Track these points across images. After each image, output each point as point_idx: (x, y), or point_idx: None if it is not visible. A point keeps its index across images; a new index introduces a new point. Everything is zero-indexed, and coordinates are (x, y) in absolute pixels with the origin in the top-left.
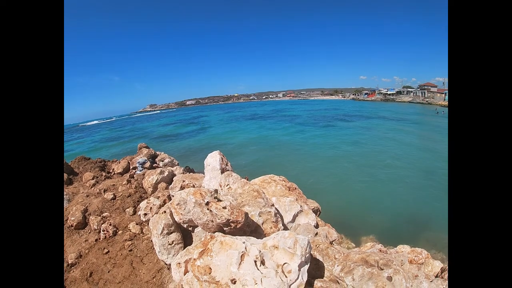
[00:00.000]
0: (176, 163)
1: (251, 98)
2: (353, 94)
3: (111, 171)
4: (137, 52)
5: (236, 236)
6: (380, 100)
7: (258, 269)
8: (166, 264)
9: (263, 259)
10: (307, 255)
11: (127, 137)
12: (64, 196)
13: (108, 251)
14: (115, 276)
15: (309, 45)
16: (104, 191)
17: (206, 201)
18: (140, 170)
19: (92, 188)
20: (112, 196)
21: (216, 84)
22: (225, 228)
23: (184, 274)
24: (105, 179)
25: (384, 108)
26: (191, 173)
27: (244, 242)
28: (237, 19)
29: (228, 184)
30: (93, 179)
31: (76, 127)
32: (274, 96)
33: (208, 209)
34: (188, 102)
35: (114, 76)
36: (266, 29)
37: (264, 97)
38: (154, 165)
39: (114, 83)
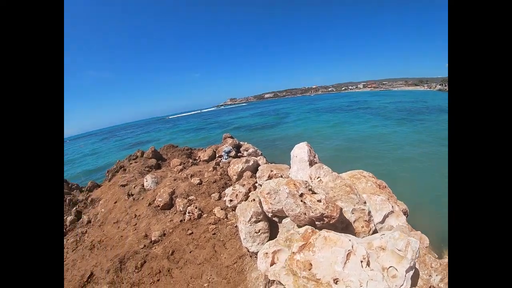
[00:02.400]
0: (259, 153)
1: (329, 90)
2: (439, 85)
3: (197, 158)
4: (218, 47)
5: (341, 233)
6: None
7: (364, 271)
8: (249, 251)
9: (369, 260)
10: (416, 260)
11: (210, 128)
12: (153, 179)
13: (192, 233)
14: (196, 257)
15: (391, 31)
16: (191, 176)
17: (300, 192)
18: (226, 159)
19: (180, 173)
20: (199, 181)
21: (294, 76)
22: (317, 222)
23: (271, 265)
24: (191, 165)
25: None
26: (276, 164)
27: (350, 240)
28: (314, 10)
29: (319, 177)
30: (180, 164)
31: (164, 119)
32: (354, 87)
33: (301, 201)
34: (266, 95)
35: (195, 73)
36: (345, 16)
37: (343, 88)
38: (238, 154)
39: (195, 79)
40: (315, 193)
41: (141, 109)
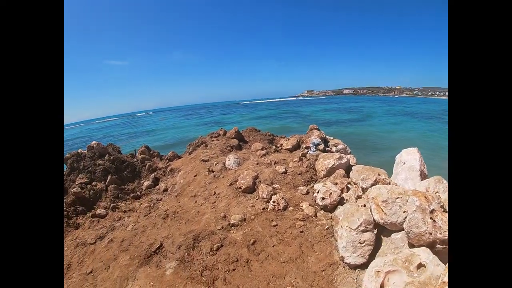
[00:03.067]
0: (348, 151)
1: (414, 93)
2: None
3: (278, 145)
4: (299, 38)
5: None
6: None
7: None
8: (343, 261)
9: None
10: None
11: (286, 117)
12: (235, 159)
13: (277, 225)
14: (280, 254)
15: None
16: (275, 163)
17: (431, 208)
18: (313, 151)
19: (262, 158)
20: (283, 170)
21: (376, 73)
22: (439, 246)
23: (380, 287)
24: (274, 152)
25: None
26: (372, 167)
27: None
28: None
29: (437, 192)
30: (262, 149)
31: (237, 103)
32: (442, 93)
33: (431, 218)
34: (345, 91)
35: (276, 62)
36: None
37: (430, 93)
38: (326, 149)
39: (274, 68)
40: (446, 211)
41: (220, 91)
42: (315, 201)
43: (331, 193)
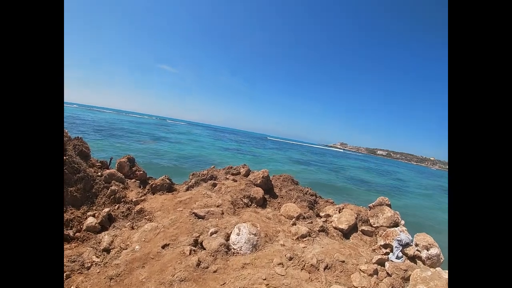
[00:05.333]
0: (441, 258)
1: (447, 167)
2: None
3: (323, 215)
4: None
5: None
6: None
7: None
8: None
9: None
10: None
11: (322, 166)
12: (251, 235)
13: None
14: None
15: None
16: (325, 267)
17: None
18: (399, 258)
19: (299, 241)
20: None
21: (409, 140)
22: None
23: None
24: (319, 230)
25: None
26: None
27: None
28: None
29: None
30: (299, 217)
31: (265, 137)
32: None
33: None
34: (378, 152)
35: (316, 107)
36: None
37: None
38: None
39: (313, 113)
40: None
41: (250, 119)
42: None
43: None
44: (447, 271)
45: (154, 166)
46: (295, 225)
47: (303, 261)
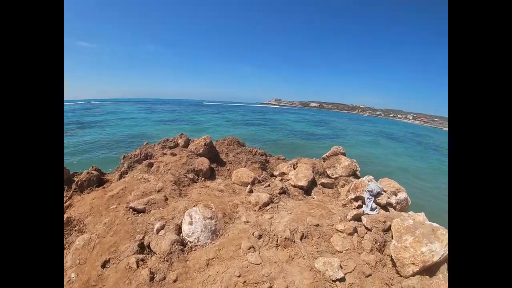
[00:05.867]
0: (409, 201)
1: (377, 113)
2: None
3: (277, 174)
4: (274, 46)
5: None
6: None
7: None
8: None
9: None
10: None
11: (260, 125)
12: (207, 219)
13: None
14: None
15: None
16: (302, 236)
17: None
18: (373, 209)
19: (257, 208)
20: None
21: (341, 90)
22: None
23: None
24: (281, 192)
25: None
26: None
27: None
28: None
29: None
30: (253, 183)
31: (201, 103)
32: (403, 116)
33: None
34: (311, 104)
35: (247, 67)
36: (411, 35)
37: (391, 115)
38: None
39: (246, 75)
40: None
41: (180, 88)
42: None
43: None
44: (421, 214)
45: (84, 160)
46: (252, 192)
47: (274, 235)
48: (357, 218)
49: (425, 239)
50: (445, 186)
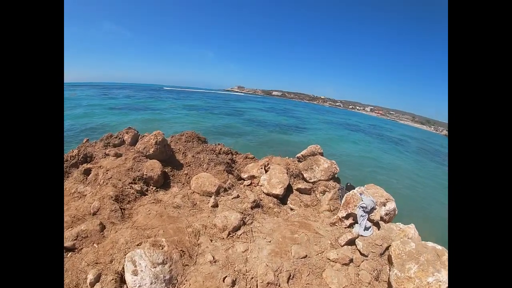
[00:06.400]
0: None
1: (337, 104)
2: (446, 130)
3: (246, 178)
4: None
5: None
6: None
7: None
8: None
9: None
10: None
11: (220, 112)
12: (157, 266)
13: None
14: None
15: (408, 62)
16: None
17: None
18: (367, 229)
19: (231, 239)
20: None
21: (303, 79)
22: None
23: None
24: (254, 206)
25: None
26: None
27: None
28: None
29: None
30: (218, 191)
31: (162, 88)
32: (361, 108)
33: None
34: (274, 93)
35: (209, 52)
36: (367, 33)
37: (350, 106)
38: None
39: (208, 59)
40: None
41: (139, 72)
42: None
43: None
44: (412, 226)
45: None
46: (217, 206)
47: (253, 278)
48: (352, 241)
49: (431, 267)
50: (419, 179)
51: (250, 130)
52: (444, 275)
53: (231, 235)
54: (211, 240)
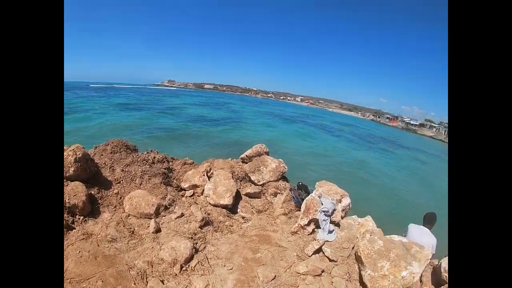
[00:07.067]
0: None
1: (268, 95)
2: (372, 115)
3: (187, 187)
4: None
5: None
6: (401, 128)
7: None
8: None
9: None
10: None
11: (154, 109)
12: None
13: None
14: None
15: (333, 52)
16: None
17: None
18: (331, 232)
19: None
20: None
21: (234, 73)
22: None
23: None
24: (204, 227)
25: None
26: None
27: None
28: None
29: None
30: (159, 214)
31: (87, 86)
32: (292, 98)
33: None
34: (206, 86)
35: (140, 44)
36: (291, 24)
37: (282, 97)
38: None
39: (139, 52)
40: None
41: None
42: None
43: None
44: (369, 219)
45: None
46: (160, 231)
47: None
48: (319, 249)
49: (403, 262)
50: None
51: (182, 126)
52: (416, 267)
53: (184, 268)
54: (163, 282)
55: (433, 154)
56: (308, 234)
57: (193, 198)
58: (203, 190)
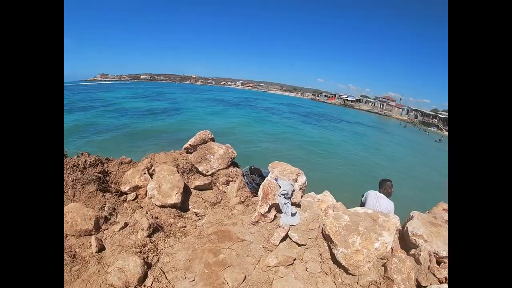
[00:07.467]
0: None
1: (208, 81)
2: (312, 94)
3: (126, 190)
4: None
5: None
6: (339, 104)
7: None
8: None
9: None
10: None
11: (86, 107)
12: None
13: None
14: None
15: (270, 36)
16: None
17: None
18: (293, 214)
19: None
20: None
21: (172, 61)
22: None
23: None
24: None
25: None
26: None
27: None
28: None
29: None
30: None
31: None
32: (233, 84)
33: None
34: (142, 77)
35: (66, 38)
36: (229, 11)
37: (222, 83)
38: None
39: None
40: None
41: None
42: None
43: None
44: (327, 194)
45: None
46: (104, 249)
47: None
48: (285, 237)
49: (373, 233)
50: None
51: (119, 123)
52: (387, 236)
53: None
54: None
55: (372, 126)
56: (271, 222)
57: (137, 202)
58: (147, 192)
